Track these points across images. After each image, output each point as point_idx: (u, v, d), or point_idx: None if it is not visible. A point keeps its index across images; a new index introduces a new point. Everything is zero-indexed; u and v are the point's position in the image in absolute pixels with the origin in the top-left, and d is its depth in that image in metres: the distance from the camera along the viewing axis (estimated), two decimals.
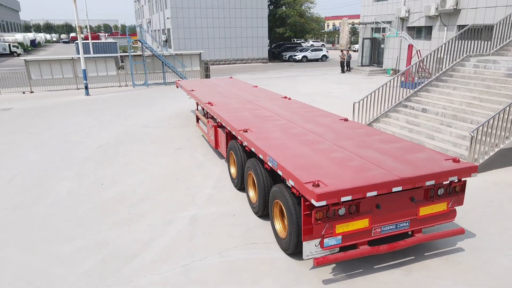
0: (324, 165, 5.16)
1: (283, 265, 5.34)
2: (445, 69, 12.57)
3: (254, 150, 6.29)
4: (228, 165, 8.34)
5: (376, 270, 5.19)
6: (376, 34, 24.02)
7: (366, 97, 12.02)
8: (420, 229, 5.25)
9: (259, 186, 6.31)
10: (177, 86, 14.29)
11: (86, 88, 20.15)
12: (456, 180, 5.14)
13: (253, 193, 6.84)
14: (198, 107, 11.89)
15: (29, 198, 7.61)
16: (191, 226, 6.46)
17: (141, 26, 33.08)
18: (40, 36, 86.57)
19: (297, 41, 56.15)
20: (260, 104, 9.46)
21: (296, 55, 39.65)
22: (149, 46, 23.02)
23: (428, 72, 12.68)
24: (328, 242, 4.75)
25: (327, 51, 41.57)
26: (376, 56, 28.02)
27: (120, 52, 31.99)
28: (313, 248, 4.88)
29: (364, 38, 28.21)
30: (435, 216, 5.23)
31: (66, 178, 8.64)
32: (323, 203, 4.37)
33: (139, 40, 23.02)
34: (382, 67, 26.88)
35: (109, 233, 6.25)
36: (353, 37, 60.71)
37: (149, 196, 7.64)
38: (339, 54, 29.05)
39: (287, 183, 5.16)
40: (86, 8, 34.07)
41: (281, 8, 42.44)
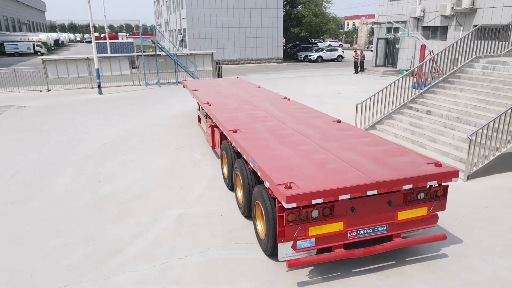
0: (302, 167, 5.14)
1: (261, 266, 5.35)
2: (453, 70, 12.27)
3: (240, 151, 6.32)
4: (221, 165, 8.40)
5: (354, 274, 5.13)
6: (388, 35, 23.61)
7: (370, 98, 11.85)
8: (399, 234, 5.15)
9: (244, 187, 6.34)
10: (184, 86, 14.43)
11: (99, 87, 20.60)
12: (437, 185, 5.03)
13: (241, 194, 6.86)
14: (200, 107, 11.99)
15: (27, 194, 7.86)
16: (177, 225, 6.53)
17: (154, 26, 33.49)
18: (64, 36, 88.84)
19: (315, 41, 55.80)
20: (258, 105, 9.47)
21: (311, 55, 39.39)
22: (162, 46, 23.33)
23: (440, 73, 12.39)
24: (301, 245, 4.72)
25: (343, 51, 41.11)
26: (391, 57, 27.56)
27: (138, 52, 32.46)
28: (289, 250, 4.87)
29: (379, 38, 27.78)
30: (415, 221, 5.13)
31: (66, 175, 8.87)
32: (293, 205, 4.35)
33: (152, 40, 23.37)
34: (397, 68, 26.42)
35: (97, 230, 6.40)
36: (372, 37, 59.86)
37: (142, 194, 7.77)
38: (353, 55, 28.71)
39: (265, 184, 5.17)
40: (104, 9, 34.85)
41: (297, 8, 42.25)
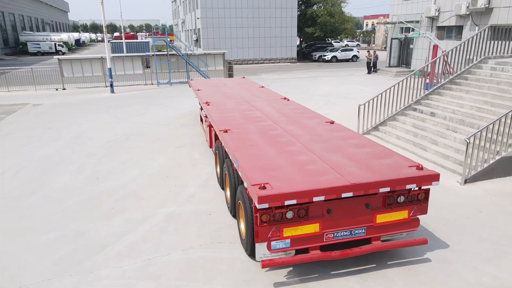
0: (282, 168, 5.15)
1: (241, 266, 5.39)
2: (461, 71, 12.01)
3: (227, 150, 6.37)
4: (215, 165, 8.47)
5: (332, 276, 5.12)
6: (398, 35, 23.18)
7: (372, 99, 11.72)
8: (379, 237, 5.10)
9: (231, 186, 6.39)
10: (190, 86, 14.58)
11: (111, 86, 21.02)
12: (417, 188, 4.96)
13: (228, 193, 6.92)
14: (201, 107, 12.11)
15: (28, 189, 8.12)
16: (166, 223, 6.64)
17: (165, 26, 33.87)
18: (85, 36, 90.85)
19: (331, 41, 55.30)
20: (255, 105, 9.50)
21: (326, 55, 39.09)
22: (174, 46, 23.61)
23: (452, 73, 12.13)
24: (276, 245, 4.74)
25: (358, 51, 40.62)
26: (405, 57, 27.08)
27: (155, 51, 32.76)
28: (266, 250, 4.89)
29: (392, 38, 27.34)
30: (395, 224, 5.07)
31: (67, 172, 9.11)
32: (265, 206, 4.38)
33: (164, 40, 23.67)
34: (410, 68, 25.94)
35: (88, 226, 6.56)
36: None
37: (136, 192, 7.91)
38: (366, 55, 28.35)
39: (244, 185, 5.21)
40: (121, 10, 35.48)
41: (312, 8, 41.99)
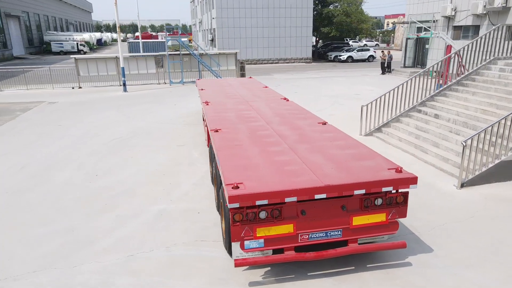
0: (261, 168, 5.18)
1: (220, 264, 5.45)
2: (468, 72, 11.73)
3: (214, 149, 6.44)
4: (210, 164, 8.56)
5: (309, 277, 5.12)
6: (410, 35, 22.73)
7: (375, 100, 11.58)
8: (356, 239, 5.06)
9: (217, 185, 6.46)
10: (196, 85, 14.74)
11: (124, 85, 21.45)
12: (394, 191, 4.90)
13: (216, 192, 6.99)
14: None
15: (29, 185, 8.41)
16: (155, 220, 6.76)
17: (179, 26, 34.22)
18: (107, 36, 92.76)
19: (350, 41, 54.73)
20: (253, 105, 9.54)
21: (341, 55, 38.71)
22: (186, 46, 23.89)
23: (464, 72, 11.88)
24: (249, 245, 4.78)
25: (375, 51, 40.03)
26: (420, 57, 26.55)
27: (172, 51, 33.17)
28: (241, 250, 4.93)
29: (407, 38, 26.84)
30: (372, 227, 5.02)
31: (68, 169, 9.38)
32: (236, 205, 4.42)
33: (177, 40, 23.98)
34: (431, 69, 25.39)
35: (80, 221, 6.75)
36: None
37: (131, 189, 8.08)
38: (380, 55, 27.93)
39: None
40: (138, 10, 36.14)
41: (328, 8, 41.65)
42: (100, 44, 76.91)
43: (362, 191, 4.69)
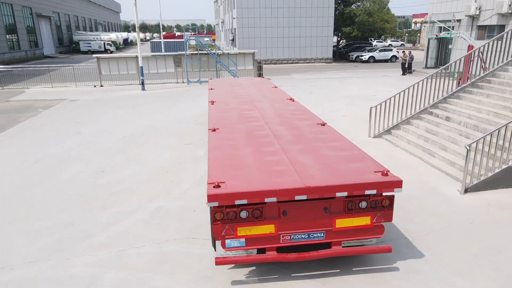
0: (247, 168, 5.21)
1: (206, 262, 5.51)
2: (484, 74, 11.35)
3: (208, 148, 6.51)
4: None
5: (292, 278, 5.11)
6: (430, 34, 22.10)
7: (385, 102, 11.37)
8: (339, 242, 5.01)
9: None
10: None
11: (142, 84, 21.91)
12: (378, 194, 4.82)
13: None
14: None
15: (37, 180, 8.75)
16: (151, 217, 6.91)
17: (195, 25, 34.51)
18: (133, 35, 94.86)
19: (374, 41, 53.77)
20: (257, 105, 9.56)
21: (363, 56, 38.10)
22: (204, 45, 24.17)
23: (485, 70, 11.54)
24: (230, 244, 4.82)
25: (398, 52, 39.15)
26: (443, 58, 25.79)
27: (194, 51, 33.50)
28: (222, 248, 4.98)
29: (430, 38, 26.12)
30: (357, 230, 4.95)
31: (77, 165, 9.69)
32: (215, 204, 4.48)
33: (195, 39, 24.28)
34: (448, 70, 24.67)
35: (79, 216, 6.98)
36: None
37: (133, 186, 8.28)
38: (400, 55, 27.31)
39: None
40: (160, 10, 36.77)
41: (350, 7, 41.07)
42: (127, 44, 78.78)
43: (345, 194, 4.64)
